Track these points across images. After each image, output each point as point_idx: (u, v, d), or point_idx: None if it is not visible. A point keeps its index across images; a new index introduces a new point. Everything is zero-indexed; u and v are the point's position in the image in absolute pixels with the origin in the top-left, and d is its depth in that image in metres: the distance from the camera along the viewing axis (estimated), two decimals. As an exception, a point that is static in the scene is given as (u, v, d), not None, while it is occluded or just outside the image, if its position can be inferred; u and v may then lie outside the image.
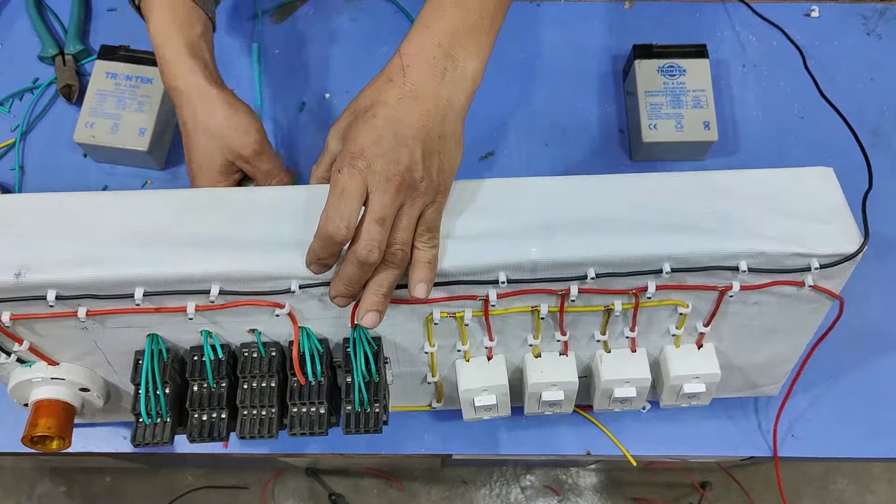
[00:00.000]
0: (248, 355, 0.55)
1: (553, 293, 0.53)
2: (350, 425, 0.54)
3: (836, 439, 0.69)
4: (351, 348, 0.55)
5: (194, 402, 0.54)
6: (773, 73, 0.80)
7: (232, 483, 1.50)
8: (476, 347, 0.59)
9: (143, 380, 0.54)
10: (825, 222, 0.53)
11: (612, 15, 0.81)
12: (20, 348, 0.54)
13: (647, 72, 0.75)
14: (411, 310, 0.54)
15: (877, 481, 1.53)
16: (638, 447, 0.68)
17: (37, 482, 1.50)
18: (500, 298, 0.52)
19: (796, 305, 0.56)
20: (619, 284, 0.52)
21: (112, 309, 0.51)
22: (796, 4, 0.82)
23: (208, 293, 0.50)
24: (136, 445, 0.54)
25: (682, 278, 0.52)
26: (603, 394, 0.60)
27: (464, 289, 0.52)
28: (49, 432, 0.56)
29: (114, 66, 0.75)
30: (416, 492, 1.51)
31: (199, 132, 0.61)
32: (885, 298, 0.73)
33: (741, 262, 0.51)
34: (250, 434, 0.54)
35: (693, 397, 0.60)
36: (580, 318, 0.56)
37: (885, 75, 0.79)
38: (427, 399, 0.65)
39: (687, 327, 0.57)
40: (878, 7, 0.82)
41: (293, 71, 0.80)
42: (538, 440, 0.69)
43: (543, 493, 1.51)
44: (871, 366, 0.71)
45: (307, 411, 0.54)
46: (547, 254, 0.51)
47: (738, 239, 0.51)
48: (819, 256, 0.51)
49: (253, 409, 0.54)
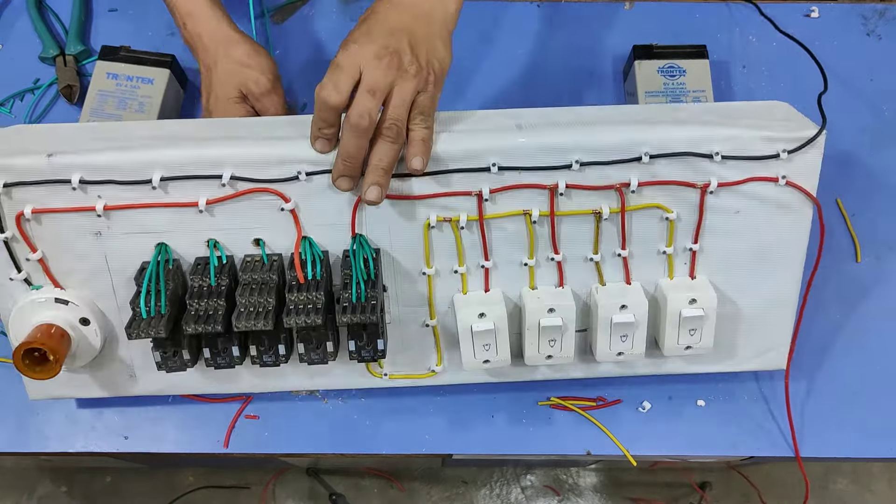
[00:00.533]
0: (251, 261, 0.58)
1: (542, 187, 0.57)
2: (347, 312, 0.54)
3: (836, 439, 0.69)
4: (351, 253, 0.57)
5: (193, 296, 0.56)
6: (773, 73, 0.80)
7: (232, 483, 1.50)
8: (473, 273, 0.61)
9: (146, 278, 0.55)
10: (786, 120, 0.59)
11: (612, 15, 0.81)
12: (33, 257, 0.57)
13: (647, 72, 0.75)
14: (409, 212, 0.58)
15: (877, 481, 1.53)
16: (638, 447, 0.68)
17: (37, 482, 1.50)
18: (492, 193, 0.57)
19: (778, 217, 0.60)
20: (603, 180, 0.57)
21: (128, 204, 0.56)
22: (796, 4, 0.82)
23: (220, 178, 0.55)
24: (129, 335, 0.55)
25: (662, 170, 0.57)
26: (602, 324, 0.60)
27: (458, 179, 0.56)
28: (44, 346, 0.55)
29: (115, 67, 0.75)
30: (416, 492, 1.51)
31: (219, 68, 0.65)
32: (883, 299, 0.73)
33: (714, 146, 0.56)
34: (246, 323, 0.54)
35: (694, 331, 0.60)
36: (572, 231, 0.59)
37: (885, 75, 0.79)
38: (427, 361, 0.65)
39: (676, 249, 0.60)
40: (878, 7, 0.82)
41: (294, 71, 0.80)
42: (538, 440, 0.69)
43: (543, 493, 1.51)
44: (871, 366, 0.71)
45: (304, 304, 0.55)
46: (533, 139, 0.56)
47: (710, 126, 0.57)
48: (785, 140, 0.57)
49: (251, 304, 0.55)
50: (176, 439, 0.69)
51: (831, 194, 0.75)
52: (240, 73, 0.65)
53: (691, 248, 0.60)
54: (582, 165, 0.56)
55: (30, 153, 0.55)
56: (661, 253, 0.60)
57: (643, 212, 0.59)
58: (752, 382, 0.70)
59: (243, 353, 0.58)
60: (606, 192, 0.57)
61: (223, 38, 0.66)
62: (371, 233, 0.59)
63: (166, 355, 0.58)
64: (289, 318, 0.54)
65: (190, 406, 0.69)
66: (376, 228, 0.58)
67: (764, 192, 0.58)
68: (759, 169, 0.57)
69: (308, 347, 0.58)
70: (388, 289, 0.61)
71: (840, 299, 0.73)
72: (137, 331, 0.55)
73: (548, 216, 0.58)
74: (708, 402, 0.70)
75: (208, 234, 0.58)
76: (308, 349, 0.58)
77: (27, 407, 0.69)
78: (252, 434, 0.69)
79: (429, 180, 0.56)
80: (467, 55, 0.79)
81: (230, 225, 0.57)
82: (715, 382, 0.70)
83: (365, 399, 0.70)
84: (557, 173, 0.57)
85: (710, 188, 0.57)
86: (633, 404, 0.70)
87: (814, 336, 0.71)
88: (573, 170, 0.56)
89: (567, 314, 0.60)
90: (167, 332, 0.55)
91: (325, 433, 0.69)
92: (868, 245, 0.74)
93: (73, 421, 0.69)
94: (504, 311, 0.60)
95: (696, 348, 0.62)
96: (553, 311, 0.59)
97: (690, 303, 0.60)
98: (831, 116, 0.67)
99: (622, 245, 0.60)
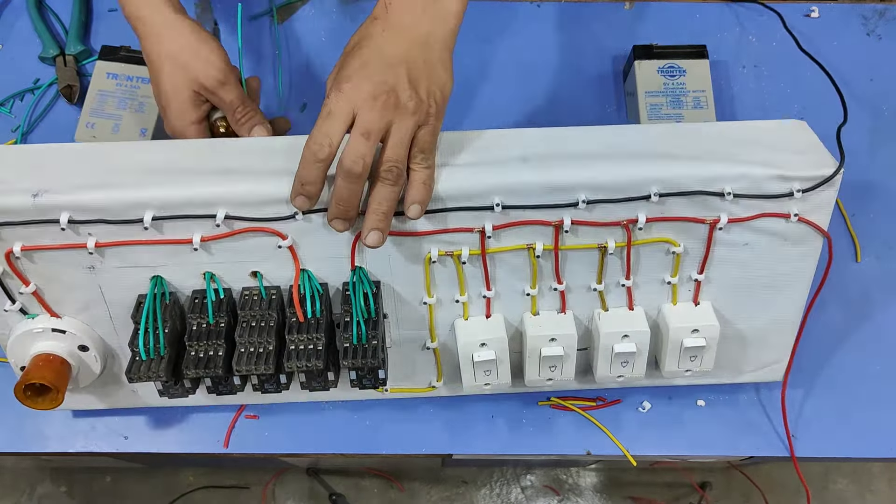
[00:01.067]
0: (250, 296, 0.56)
1: (547, 224, 0.55)
2: (348, 356, 0.54)
3: (836, 439, 0.69)
4: (351, 288, 0.56)
5: (192, 337, 0.55)
6: (773, 73, 0.80)
7: (232, 483, 1.50)
8: (474, 302, 0.60)
9: (143, 316, 0.54)
10: (802, 153, 0.56)
11: (612, 15, 0.81)
12: (26, 290, 0.55)
13: (647, 72, 0.75)
14: (410, 247, 0.56)
15: (877, 481, 1.53)
16: (638, 447, 0.68)
17: (37, 482, 1.50)
18: (495, 230, 0.55)
19: (786, 249, 0.58)
20: (609, 216, 0.55)
21: (120, 240, 0.53)
22: (796, 4, 0.82)
23: (214, 218, 0.52)
24: (130, 379, 0.54)
25: (671, 208, 0.55)
26: (603, 351, 0.59)
27: (460, 217, 0.54)
28: (44, 381, 0.55)
29: (115, 67, 0.75)
30: (416, 492, 1.51)
31: (164, 62, 0.60)
32: (884, 299, 0.73)
33: (726, 185, 0.54)
34: (247, 367, 0.54)
35: (695, 357, 0.60)
36: (575, 264, 0.58)
37: (885, 75, 0.79)
38: (427, 377, 0.65)
39: (681, 278, 0.59)
40: (878, 7, 0.82)
41: (294, 71, 0.80)
42: (538, 440, 0.69)
43: (543, 493, 1.51)
44: (871, 366, 0.71)
45: (305, 345, 0.54)
46: (539, 176, 0.53)
47: (722, 163, 0.54)
48: (800, 179, 0.54)
49: (251, 343, 0.54)
50: (176, 439, 0.68)
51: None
52: (187, 70, 0.60)
53: (696, 279, 0.59)
54: (588, 203, 0.54)
55: (13, 192, 0.52)
56: (665, 283, 0.59)
57: (649, 245, 0.57)
58: (752, 384, 0.70)
59: (244, 381, 0.58)
60: (612, 228, 0.56)
61: (164, 23, 0.60)
62: (371, 265, 0.57)
63: (167, 384, 0.57)
64: (289, 363, 0.54)
65: (190, 406, 0.69)
66: (376, 262, 0.57)
67: (774, 227, 0.57)
68: (771, 206, 0.55)
69: (309, 377, 0.58)
70: (388, 316, 0.60)
71: (840, 299, 0.73)
72: (138, 374, 0.54)
73: (552, 250, 0.56)
74: (708, 403, 0.70)
75: (204, 267, 0.56)
76: (309, 378, 0.58)
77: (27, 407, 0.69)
78: (252, 434, 0.69)
79: (431, 217, 0.54)
80: (467, 55, 0.79)
81: (226, 259, 0.55)
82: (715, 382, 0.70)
83: (365, 399, 0.69)
84: (563, 210, 0.54)
85: (720, 224, 0.55)
86: (633, 404, 0.70)
87: (814, 336, 0.71)
88: (579, 208, 0.54)
89: (568, 342, 0.59)
90: (168, 376, 0.54)
91: (325, 433, 0.69)
92: (868, 245, 0.74)
93: (73, 421, 0.69)
94: (505, 339, 0.59)
95: (696, 372, 0.62)
96: (554, 339, 0.59)
97: (692, 332, 0.59)
98: (831, 116, 0.67)
99: (626, 276, 0.58)
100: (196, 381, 0.58)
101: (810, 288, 0.61)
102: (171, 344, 0.55)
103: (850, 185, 0.75)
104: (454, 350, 0.61)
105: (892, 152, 0.77)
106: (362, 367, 0.54)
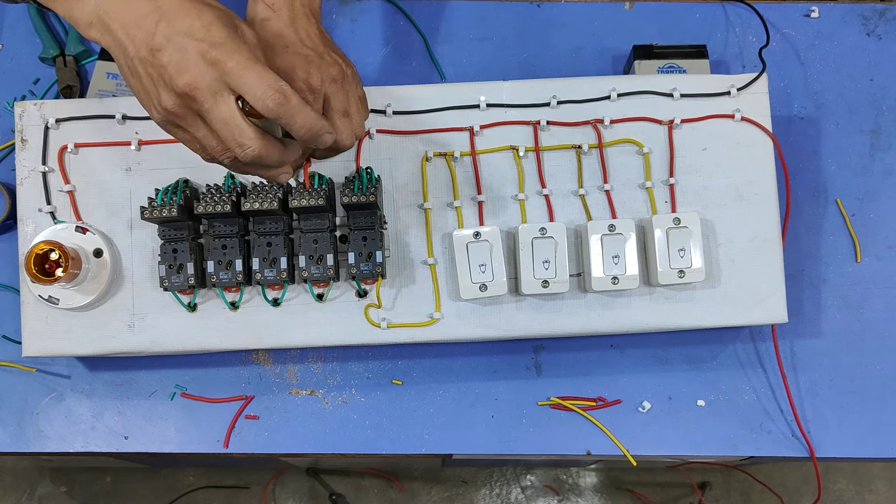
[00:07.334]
0: (260, 182, 0.62)
1: (526, 123, 0.66)
2: (347, 195, 0.60)
3: (836, 439, 0.69)
4: (357, 174, 0.63)
5: (206, 195, 0.61)
6: (772, 74, 0.80)
7: (232, 483, 1.50)
8: (467, 207, 0.66)
9: (166, 186, 0.62)
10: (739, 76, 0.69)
11: (612, 15, 0.81)
12: (65, 187, 0.64)
13: (648, 72, 0.75)
14: (408, 146, 0.66)
15: (877, 481, 1.53)
16: (638, 447, 0.68)
17: (37, 482, 1.50)
18: (482, 128, 0.66)
19: (741, 152, 0.67)
20: (579, 117, 0.67)
21: (161, 139, 0.64)
22: (796, 4, 0.82)
23: None
24: (143, 216, 0.60)
25: (631, 110, 0.67)
26: (594, 245, 0.63)
27: (452, 116, 0.66)
28: (53, 248, 0.59)
29: (115, 67, 0.75)
30: (416, 492, 1.51)
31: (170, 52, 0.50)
32: (884, 299, 0.73)
33: (674, 86, 0.67)
34: (252, 204, 0.59)
35: (683, 251, 0.63)
36: (556, 169, 0.66)
37: (885, 75, 0.79)
38: (426, 308, 0.65)
39: (655, 182, 0.66)
40: (878, 7, 0.82)
41: (293, 71, 0.80)
42: (538, 440, 0.69)
43: (543, 492, 1.51)
44: (871, 366, 0.71)
45: (308, 197, 0.59)
46: (516, 84, 0.67)
47: (672, 75, 0.68)
48: (734, 81, 0.67)
49: (258, 194, 0.60)
50: (176, 439, 0.69)
51: (831, 194, 0.75)
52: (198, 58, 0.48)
53: (669, 182, 0.66)
54: (559, 103, 0.67)
55: None
56: (641, 188, 0.66)
57: (619, 148, 0.67)
58: (752, 381, 0.70)
59: (247, 270, 0.62)
60: (584, 129, 0.67)
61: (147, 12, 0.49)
62: (373, 166, 0.65)
63: (171, 270, 0.61)
64: (293, 199, 0.59)
65: (190, 406, 0.69)
66: (378, 162, 0.66)
67: (724, 130, 0.67)
68: (715, 106, 0.67)
69: (309, 262, 0.61)
70: (387, 225, 0.66)
71: (840, 299, 0.73)
72: (151, 212, 0.60)
73: (533, 151, 0.66)
74: (708, 402, 0.70)
75: (225, 171, 0.63)
76: (309, 264, 0.61)
77: (27, 407, 0.69)
78: (252, 434, 0.69)
79: (426, 117, 0.66)
80: (467, 55, 0.79)
81: None
82: (715, 382, 0.70)
83: (365, 399, 0.70)
84: (539, 111, 0.66)
85: (675, 123, 0.66)
86: (633, 404, 0.70)
87: (814, 336, 0.71)
88: (552, 107, 0.66)
89: (558, 233, 0.63)
90: (178, 213, 0.60)
91: (325, 433, 0.69)
92: (868, 245, 0.74)
93: (73, 421, 0.69)
94: (498, 232, 0.63)
95: (689, 273, 0.63)
96: (544, 230, 0.63)
97: (675, 222, 0.64)
98: (830, 117, 0.68)
99: (604, 178, 0.66)
100: (199, 271, 0.62)
101: (779, 209, 0.66)
102: (182, 208, 0.61)
103: (851, 185, 0.75)
104: (453, 276, 0.64)
105: (892, 152, 0.77)
106: (361, 203, 0.60)
